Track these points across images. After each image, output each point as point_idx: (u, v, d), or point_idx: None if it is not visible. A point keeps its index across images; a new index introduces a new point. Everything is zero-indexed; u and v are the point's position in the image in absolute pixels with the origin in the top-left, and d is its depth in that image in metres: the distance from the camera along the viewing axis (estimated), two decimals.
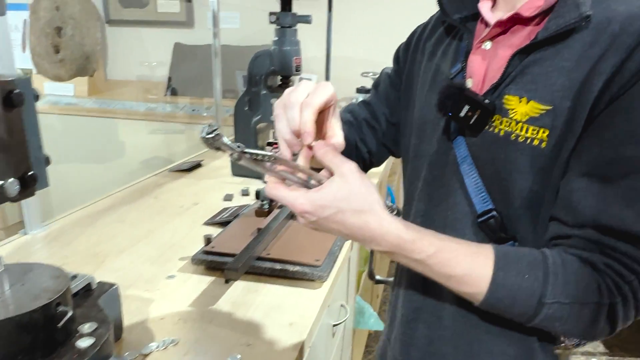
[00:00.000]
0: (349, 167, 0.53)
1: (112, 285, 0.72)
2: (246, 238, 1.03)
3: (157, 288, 0.92)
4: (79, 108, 2.79)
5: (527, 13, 0.58)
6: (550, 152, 0.56)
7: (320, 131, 0.57)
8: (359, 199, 0.52)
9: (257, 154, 0.49)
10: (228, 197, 1.40)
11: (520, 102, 0.58)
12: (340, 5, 2.42)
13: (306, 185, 0.54)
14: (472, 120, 0.60)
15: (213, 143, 0.46)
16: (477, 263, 0.56)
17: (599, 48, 0.53)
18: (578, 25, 0.54)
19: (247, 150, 0.48)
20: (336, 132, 0.58)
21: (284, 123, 0.55)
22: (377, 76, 2.41)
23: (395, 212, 0.66)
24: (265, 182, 0.55)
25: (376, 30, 2.77)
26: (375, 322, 1.63)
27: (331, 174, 0.54)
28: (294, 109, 0.53)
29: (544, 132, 0.56)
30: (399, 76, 0.83)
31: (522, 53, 0.58)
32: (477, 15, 0.67)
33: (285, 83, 1.53)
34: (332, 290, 0.97)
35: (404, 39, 0.84)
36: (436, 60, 0.72)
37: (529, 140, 0.57)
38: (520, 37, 0.60)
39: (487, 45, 0.63)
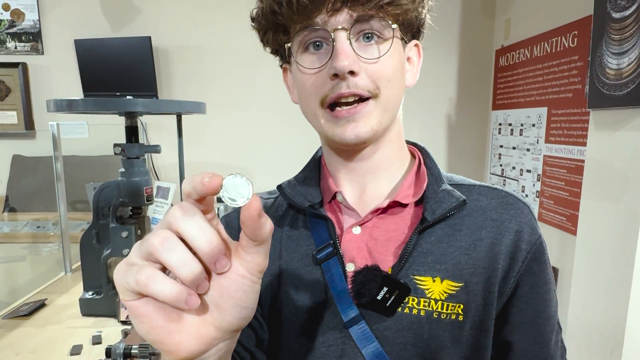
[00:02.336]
0: None
1: None
2: None
3: None
4: None
5: (405, 201, 0.65)
6: (469, 324, 0.61)
7: None
8: None
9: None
10: (76, 350, 1.25)
11: (434, 281, 0.61)
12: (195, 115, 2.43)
13: None
14: (389, 302, 0.60)
15: None
16: None
17: (486, 232, 0.63)
18: (458, 209, 0.64)
19: None
20: None
21: None
22: None
23: None
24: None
25: (233, 136, 2.82)
26: None
27: None
28: None
29: (459, 307, 0.61)
30: None
31: (414, 235, 0.62)
32: (322, 201, 0.69)
33: (137, 213, 1.45)
34: None
35: (257, 144, 0.83)
36: (285, 248, 0.69)
37: (449, 316, 0.61)
38: (397, 222, 0.65)
39: (357, 229, 0.66)
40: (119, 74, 2.62)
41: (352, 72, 0.57)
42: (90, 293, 1.47)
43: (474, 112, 2.82)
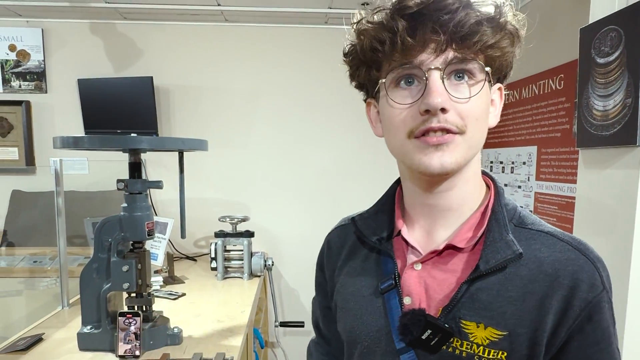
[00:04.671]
0: None
1: None
2: None
3: None
4: None
5: (461, 245, 0.67)
6: None
7: None
8: None
9: None
10: None
11: (478, 327, 0.63)
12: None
13: None
14: (433, 342, 0.65)
15: None
16: None
17: (539, 285, 0.63)
18: (514, 260, 0.64)
19: None
20: None
21: None
22: (234, 221, 2.43)
23: None
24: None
25: (230, 173, 2.86)
26: None
27: None
28: None
29: (502, 354, 0.62)
30: (327, 297, 0.88)
31: (465, 283, 0.65)
32: (391, 235, 0.74)
33: (138, 247, 1.47)
34: None
35: (254, 182, 0.87)
36: (356, 275, 0.77)
37: None
38: (454, 264, 0.68)
39: (418, 266, 0.70)
40: (120, 112, 2.68)
41: (443, 109, 0.60)
42: (88, 327, 1.48)
43: None
